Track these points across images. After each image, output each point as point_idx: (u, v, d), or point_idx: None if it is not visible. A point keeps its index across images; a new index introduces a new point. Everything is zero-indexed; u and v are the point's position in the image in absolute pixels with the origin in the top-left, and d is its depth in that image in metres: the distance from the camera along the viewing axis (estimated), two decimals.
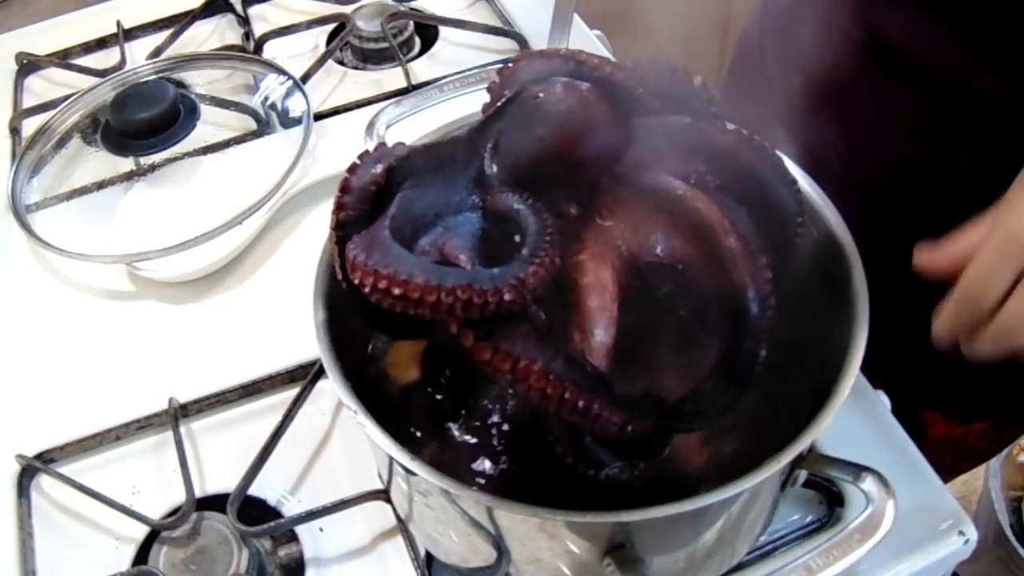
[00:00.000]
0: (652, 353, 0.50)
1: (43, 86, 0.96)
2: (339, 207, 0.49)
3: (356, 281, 0.44)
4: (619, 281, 0.48)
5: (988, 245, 0.46)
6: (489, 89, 0.54)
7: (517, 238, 0.46)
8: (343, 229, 0.48)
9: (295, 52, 0.96)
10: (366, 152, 0.50)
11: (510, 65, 0.53)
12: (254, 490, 0.61)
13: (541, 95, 0.49)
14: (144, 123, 0.82)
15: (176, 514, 0.59)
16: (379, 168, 0.48)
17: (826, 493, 0.60)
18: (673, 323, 0.51)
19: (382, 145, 0.50)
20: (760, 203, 0.50)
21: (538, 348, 0.43)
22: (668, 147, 0.50)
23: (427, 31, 0.97)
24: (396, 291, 0.42)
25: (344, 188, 0.49)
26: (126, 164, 0.83)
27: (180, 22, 0.98)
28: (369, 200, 0.48)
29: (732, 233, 0.48)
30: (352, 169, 0.49)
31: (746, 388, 0.47)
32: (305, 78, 0.88)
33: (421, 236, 0.47)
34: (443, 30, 0.97)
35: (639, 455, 0.46)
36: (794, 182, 0.51)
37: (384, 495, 0.59)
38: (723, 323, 0.48)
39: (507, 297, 0.42)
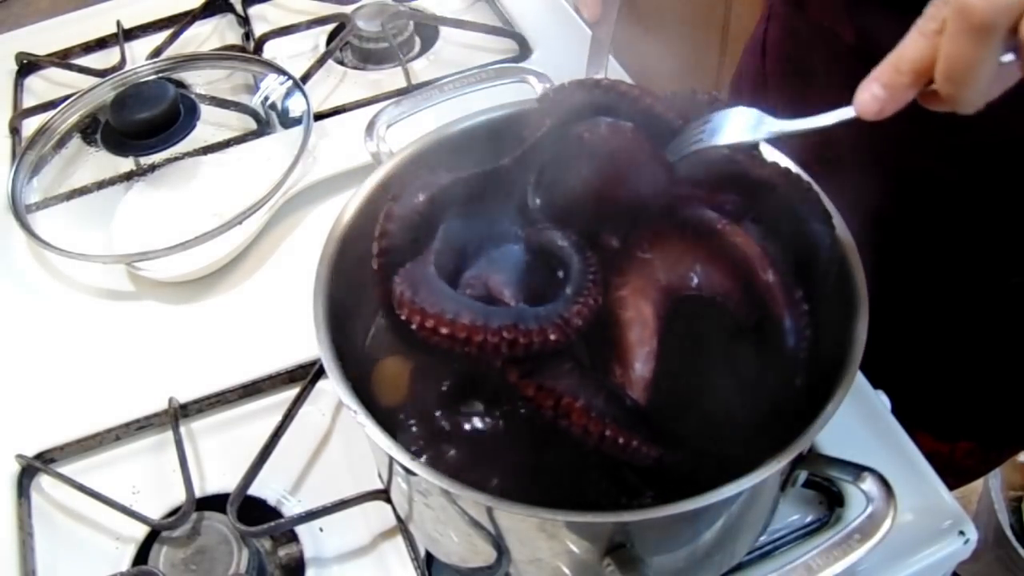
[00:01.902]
0: (689, 383, 0.50)
1: (43, 86, 0.96)
2: (383, 234, 0.50)
3: (403, 317, 0.45)
4: (659, 315, 0.49)
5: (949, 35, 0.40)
6: (529, 116, 0.54)
7: (560, 274, 0.47)
8: (387, 256, 0.49)
9: (295, 52, 0.96)
10: (412, 180, 0.51)
11: (550, 94, 0.54)
12: (254, 490, 0.61)
13: (586, 135, 0.50)
14: (144, 123, 0.82)
15: (176, 514, 0.59)
16: (422, 197, 0.50)
17: (826, 493, 0.60)
18: (710, 354, 0.51)
19: (425, 172, 0.51)
20: (794, 237, 0.51)
21: (580, 385, 0.45)
22: (706, 179, 0.51)
23: (427, 31, 0.97)
24: (443, 330, 0.43)
25: (388, 216, 0.50)
26: (126, 164, 0.83)
27: (180, 22, 0.98)
28: (413, 229, 0.50)
29: (770, 268, 0.49)
30: (395, 198, 0.50)
31: (782, 416, 0.47)
32: (305, 78, 0.88)
33: (465, 269, 0.49)
34: (443, 30, 0.97)
35: (668, 482, 0.47)
36: (829, 218, 0.52)
37: (384, 495, 0.59)
38: (760, 354, 0.49)
39: (552, 337, 0.44)
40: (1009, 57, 0.39)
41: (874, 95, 0.42)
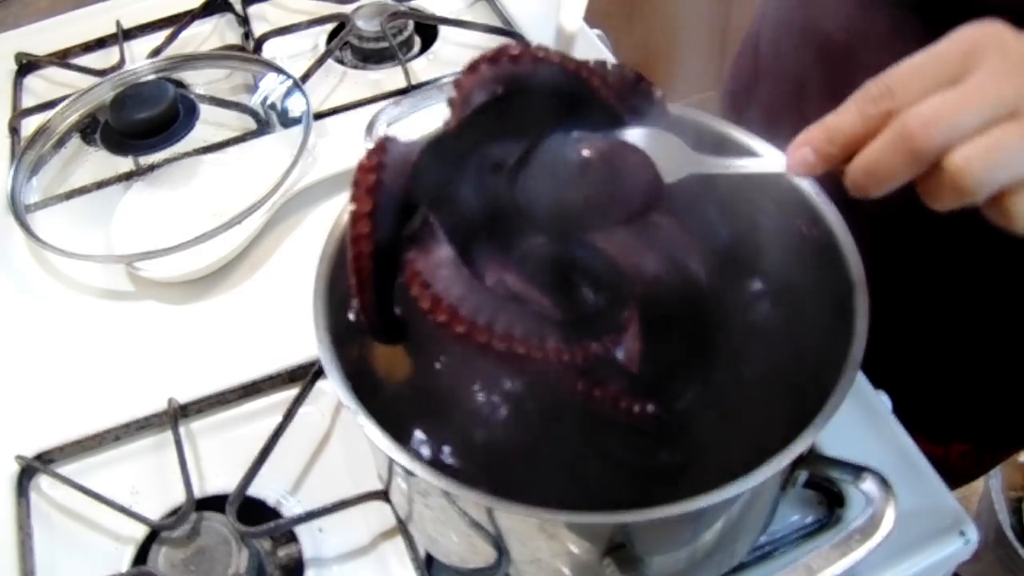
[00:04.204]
0: (667, 351, 0.53)
1: (43, 86, 0.96)
2: (375, 227, 0.46)
3: (460, 331, 0.44)
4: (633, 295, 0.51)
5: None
6: (458, 84, 0.54)
7: (577, 280, 0.51)
8: (380, 248, 0.47)
9: (295, 52, 0.96)
10: (377, 161, 0.47)
11: (463, 81, 0.54)
12: (254, 490, 0.61)
13: (585, 152, 0.51)
14: (144, 123, 0.81)
15: (176, 514, 0.59)
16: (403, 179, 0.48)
17: (826, 494, 0.60)
18: (675, 323, 0.53)
19: (381, 145, 0.49)
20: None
21: (628, 378, 0.48)
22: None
23: (427, 31, 0.97)
24: (520, 350, 0.45)
25: (373, 194, 0.46)
26: (126, 164, 0.83)
27: (180, 22, 0.98)
28: (396, 214, 0.48)
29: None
30: (375, 186, 0.47)
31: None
32: (305, 78, 0.88)
33: (481, 271, 0.49)
34: (443, 30, 0.97)
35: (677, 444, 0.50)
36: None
37: (384, 495, 0.59)
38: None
39: (617, 343, 0.47)
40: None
41: (805, 158, 0.44)
